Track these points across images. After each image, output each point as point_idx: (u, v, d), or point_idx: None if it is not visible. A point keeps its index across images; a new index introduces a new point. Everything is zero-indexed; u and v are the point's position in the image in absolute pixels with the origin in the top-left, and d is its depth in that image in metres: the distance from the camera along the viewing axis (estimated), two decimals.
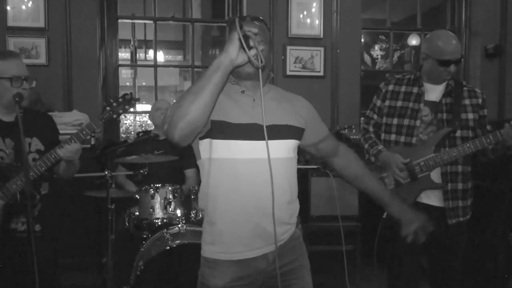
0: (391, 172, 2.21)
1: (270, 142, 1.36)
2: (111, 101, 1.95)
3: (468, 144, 2.11)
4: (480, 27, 4.38)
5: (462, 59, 2.22)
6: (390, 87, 2.35)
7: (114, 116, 1.95)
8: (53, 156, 1.93)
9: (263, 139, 1.36)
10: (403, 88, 2.32)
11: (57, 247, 2.17)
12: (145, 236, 2.73)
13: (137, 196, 2.82)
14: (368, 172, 1.72)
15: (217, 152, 1.44)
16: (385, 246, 2.31)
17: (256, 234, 1.45)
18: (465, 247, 2.31)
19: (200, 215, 2.80)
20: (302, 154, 4.17)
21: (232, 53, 1.30)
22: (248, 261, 1.47)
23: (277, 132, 1.46)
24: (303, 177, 3.66)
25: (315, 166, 3.59)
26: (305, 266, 1.61)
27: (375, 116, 2.40)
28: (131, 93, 1.99)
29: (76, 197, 3.41)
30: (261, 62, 1.30)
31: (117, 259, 2.70)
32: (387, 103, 2.33)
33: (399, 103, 2.29)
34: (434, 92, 2.26)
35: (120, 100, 1.94)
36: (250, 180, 1.43)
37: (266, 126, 1.34)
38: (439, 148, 2.18)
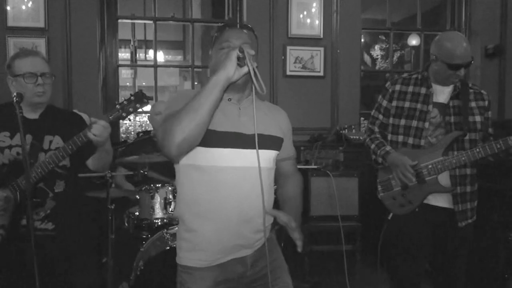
0: (399, 174, 2.18)
1: (253, 151, 1.39)
2: (123, 98, 1.92)
3: (478, 149, 2.08)
4: (480, 27, 4.38)
5: (472, 61, 2.17)
6: (397, 87, 2.31)
7: (124, 114, 1.89)
8: (80, 139, 1.88)
9: (247, 147, 1.41)
10: (410, 89, 2.28)
11: (72, 247, 2.12)
12: (145, 236, 2.74)
13: (137, 196, 2.82)
14: (297, 195, 1.64)
15: (200, 159, 1.44)
16: (389, 248, 2.31)
17: (236, 240, 1.47)
18: (472, 248, 2.31)
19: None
20: (302, 154, 4.17)
21: (230, 71, 1.31)
22: (225, 265, 1.48)
23: (262, 141, 1.45)
24: (303, 177, 3.66)
25: (315, 166, 3.59)
26: (283, 267, 1.63)
27: (380, 117, 2.36)
28: (141, 92, 1.93)
29: (76, 197, 3.42)
30: (259, 84, 1.31)
31: (117, 259, 2.70)
32: (394, 103, 2.29)
33: (407, 104, 2.25)
34: (442, 94, 2.23)
35: (132, 98, 1.89)
36: (232, 188, 1.44)
37: (250, 135, 1.37)
38: (448, 152, 2.16)
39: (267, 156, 1.52)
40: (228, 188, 1.44)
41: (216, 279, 1.47)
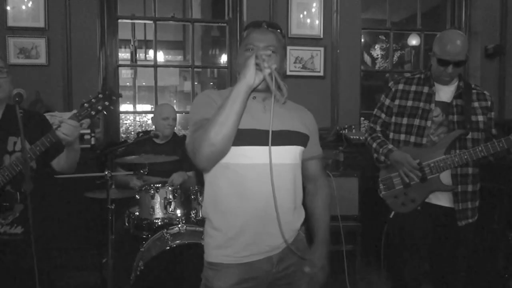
0: (402, 172, 2.19)
1: (277, 147, 1.40)
2: (90, 97, 1.87)
3: (480, 148, 2.08)
4: (480, 27, 4.38)
5: (465, 62, 2.16)
6: (400, 86, 2.32)
7: (93, 113, 1.84)
8: (48, 139, 1.83)
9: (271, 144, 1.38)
10: (413, 88, 2.28)
11: (43, 252, 1.96)
12: (145, 236, 2.73)
13: (137, 196, 2.82)
14: (325, 212, 1.69)
15: (225, 158, 1.43)
16: (390, 248, 2.31)
17: (262, 239, 1.47)
18: (473, 248, 2.31)
19: (200, 216, 2.80)
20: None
21: (250, 79, 1.32)
22: (252, 264, 1.48)
23: (285, 137, 1.48)
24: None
25: None
26: (304, 271, 1.60)
27: (383, 115, 2.36)
28: (110, 89, 1.91)
29: (76, 197, 3.42)
30: (278, 85, 1.32)
31: (117, 259, 2.69)
32: (397, 102, 2.30)
33: (410, 103, 2.26)
34: (445, 93, 2.24)
35: (100, 96, 1.85)
36: (256, 185, 1.44)
37: (274, 131, 1.35)
38: (450, 150, 2.16)
39: (291, 151, 1.52)
40: (252, 185, 1.44)
41: (241, 277, 1.47)
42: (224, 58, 7.51)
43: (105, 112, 1.89)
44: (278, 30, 1.55)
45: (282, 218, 1.40)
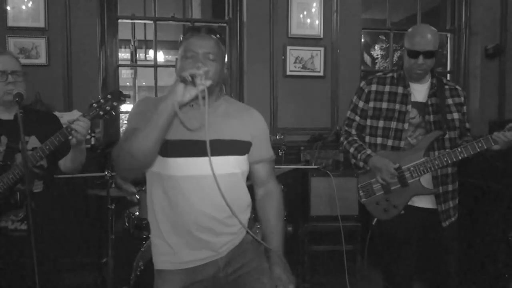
0: (382, 177, 2.12)
1: (214, 158, 1.36)
2: (99, 97, 1.91)
3: (459, 149, 2.02)
4: (480, 27, 4.37)
5: (435, 52, 2.10)
6: (373, 87, 2.23)
7: (101, 113, 1.88)
8: (57, 139, 1.88)
9: (203, 155, 1.39)
10: (387, 88, 2.21)
11: (48, 248, 2.05)
12: (145, 236, 2.74)
13: (137, 196, 2.82)
14: (278, 224, 1.65)
15: (159, 168, 1.47)
16: (379, 250, 2.28)
17: (200, 246, 1.50)
18: (459, 246, 2.28)
19: None
20: (302, 154, 4.17)
21: (178, 96, 1.32)
22: (196, 269, 1.51)
23: (220, 147, 1.47)
24: (303, 177, 3.66)
25: (315, 166, 3.59)
26: (262, 269, 1.60)
27: (357, 118, 2.28)
28: (119, 90, 1.94)
29: (76, 197, 3.42)
30: (205, 97, 1.31)
31: (117, 259, 2.70)
32: (371, 104, 2.22)
33: (385, 105, 2.18)
34: (420, 93, 2.18)
35: (109, 96, 1.89)
36: (188, 196, 1.46)
37: (210, 142, 1.33)
38: (428, 152, 2.11)
39: (226, 161, 1.50)
40: (184, 196, 1.45)
41: (186, 282, 1.49)
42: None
43: (113, 113, 1.92)
44: (218, 36, 1.54)
45: (217, 227, 1.46)
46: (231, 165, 1.52)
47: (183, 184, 1.45)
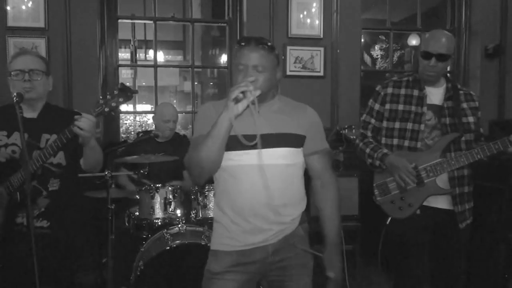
0: (399, 176, 2.14)
1: (266, 150, 1.57)
2: (107, 93, 1.89)
3: (476, 150, 2.08)
4: (480, 27, 4.37)
5: (448, 57, 2.16)
6: (389, 90, 2.28)
7: (107, 109, 1.85)
8: (64, 135, 1.87)
9: (260, 148, 1.54)
10: (402, 91, 2.26)
11: (68, 245, 2.09)
12: (145, 236, 2.74)
13: (137, 196, 2.82)
14: (334, 212, 1.76)
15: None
16: (392, 250, 2.29)
17: (254, 232, 1.62)
18: (468, 249, 2.31)
19: (200, 216, 2.81)
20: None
21: (234, 111, 1.48)
22: (246, 252, 1.63)
23: (273, 140, 1.61)
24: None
25: None
26: (305, 265, 1.70)
27: (372, 121, 2.32)
28: (127, 86, 1.90)
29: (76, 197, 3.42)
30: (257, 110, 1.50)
31: (117, 259, 2.69)
32: (387, 106, 2.26)
33: (401, 107, 2.23)
34: (435, 96, 2.22)
35: (116, 92, 1.86)
36: (243, 184, 1.61)
37: (263, 135, 1.52)
38: (445, 153, 2.15)
39: (282, 153, 1.63)
40: (239, 184, 1.61)
41: (237, 261, 1.63)
42: (224, 58, 7.51)
43: (120, 109, 1.92)
44: (266, 46, 1.63)
45: (269, 214, 1.61)
46: (282, 156, 1.64)
47: (240, 173, 1.61)
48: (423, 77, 2.22)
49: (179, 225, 2.61)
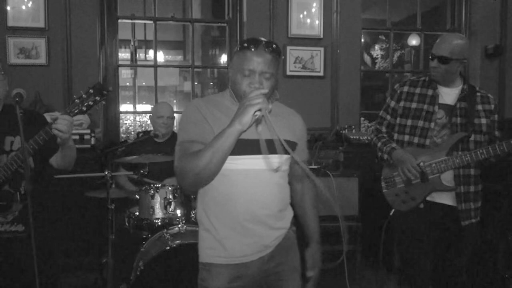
0: (404, 170, 2.22)
1: (267, 156, 1.50)
2: (81, 92, 1.85)
3: (481, 150, 2.12)
4: (480, 27, 4.38)
5: (445, 60, 2.19)
6: (405, 89, 2.37)
7: (84, 108, 1.82)
8: (41, 137, 1.83)
9: (259, 153, 1.50)
10: (418, 90, 2.33)
11: (46, 248, 2.03)
12: (145, 236, 2.73)
13: (137, 196, 2.82)
14: (316, 213, 1.82)
15: None
16: (397, 242, 2.33)
17: (253, 241, 1.54)
18: (473, 249, 2.33)
19: None
20: None
21: (245, 126, 1.37)
22: (245, 264, 1.55)
23: (274, 147, 1.54)
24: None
25: (315, 166, 3.59)
26: (296, 269, 1.71)
27: (388, 117, 2.41)
28: (100, 84, 1.88)
29: (77, 197, 3.42)
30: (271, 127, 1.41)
31: (117, 259, 2.69)
32: (401, 104, 2.35)
33: (414, 105, 2.31)
34: (448, 96, 2.28)
35: (91, 91, 1.83)
36: (244, 189, 1.51)
37: (266, 141, 1.49)
38: (452, 152, 2.19)
39: (279, 159, 1.57)
40: (238, 189, 1.51)
41: (234, 275, 1.54)
42: (224, 58, 7.50)
43: (97, 108, 1.88)
44: (275, 51, 1.54)
45: (270, 220, 1.54)
46: (282, 162, 1.59)
47: (238, 178, 1.51)
48: (440, 82, 2.29)
49: (179, 225, 2.61)
